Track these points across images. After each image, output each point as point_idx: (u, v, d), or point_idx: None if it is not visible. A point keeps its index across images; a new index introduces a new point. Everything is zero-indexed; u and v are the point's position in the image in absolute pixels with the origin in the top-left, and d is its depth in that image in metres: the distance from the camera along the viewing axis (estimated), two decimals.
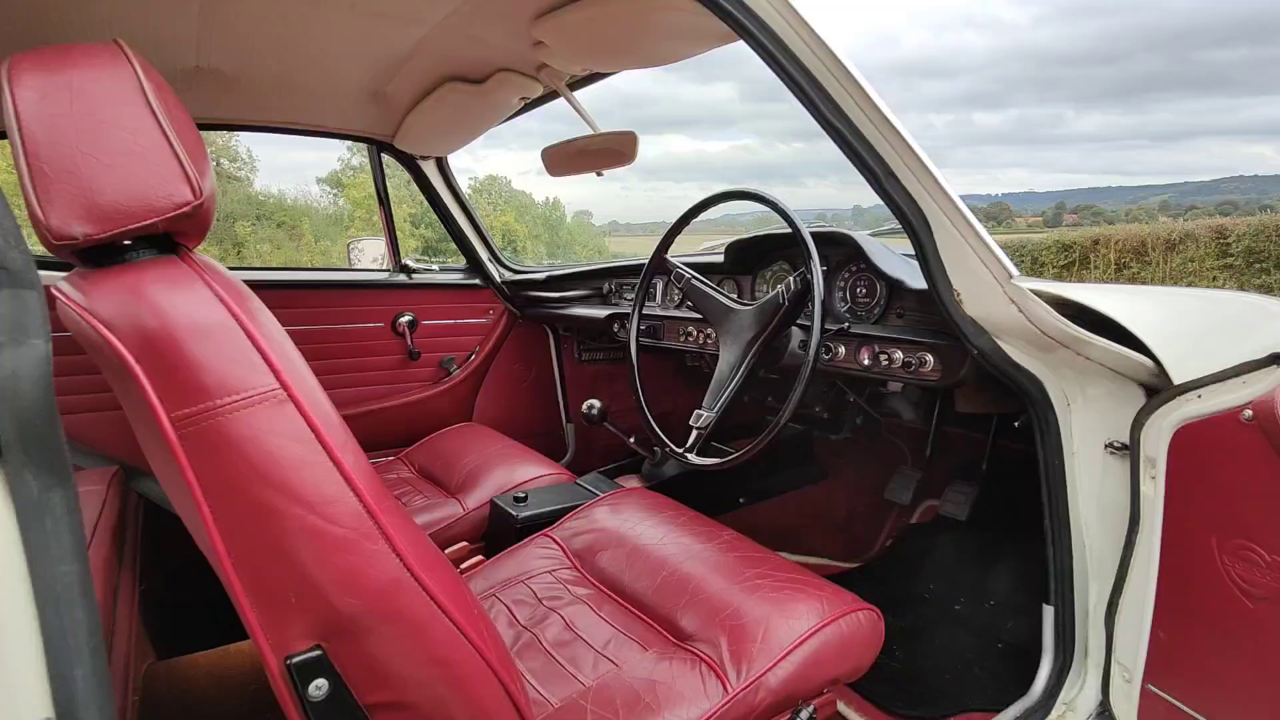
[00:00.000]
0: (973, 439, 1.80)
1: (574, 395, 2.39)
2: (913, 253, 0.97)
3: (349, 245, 2.20)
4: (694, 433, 1.29)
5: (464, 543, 1.41)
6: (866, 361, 1.23)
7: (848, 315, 1.35)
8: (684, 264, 1.44)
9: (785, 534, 1.80)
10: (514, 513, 1.42)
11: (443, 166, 2.03)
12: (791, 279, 1.18)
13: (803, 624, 0.96)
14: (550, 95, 1.58)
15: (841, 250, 1.37)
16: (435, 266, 2.20)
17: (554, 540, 1.31)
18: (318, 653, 0.56)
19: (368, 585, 0.56)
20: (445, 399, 2.18)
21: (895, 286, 1.25)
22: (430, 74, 1.48)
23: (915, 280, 1.18)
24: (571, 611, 1.10)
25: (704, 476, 1.69)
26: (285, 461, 0.53)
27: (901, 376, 1.17)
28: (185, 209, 0.53)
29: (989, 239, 0.89)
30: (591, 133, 1.45)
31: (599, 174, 1.51)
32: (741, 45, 0.88)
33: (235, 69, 1.42)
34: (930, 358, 1.12)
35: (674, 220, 1.44)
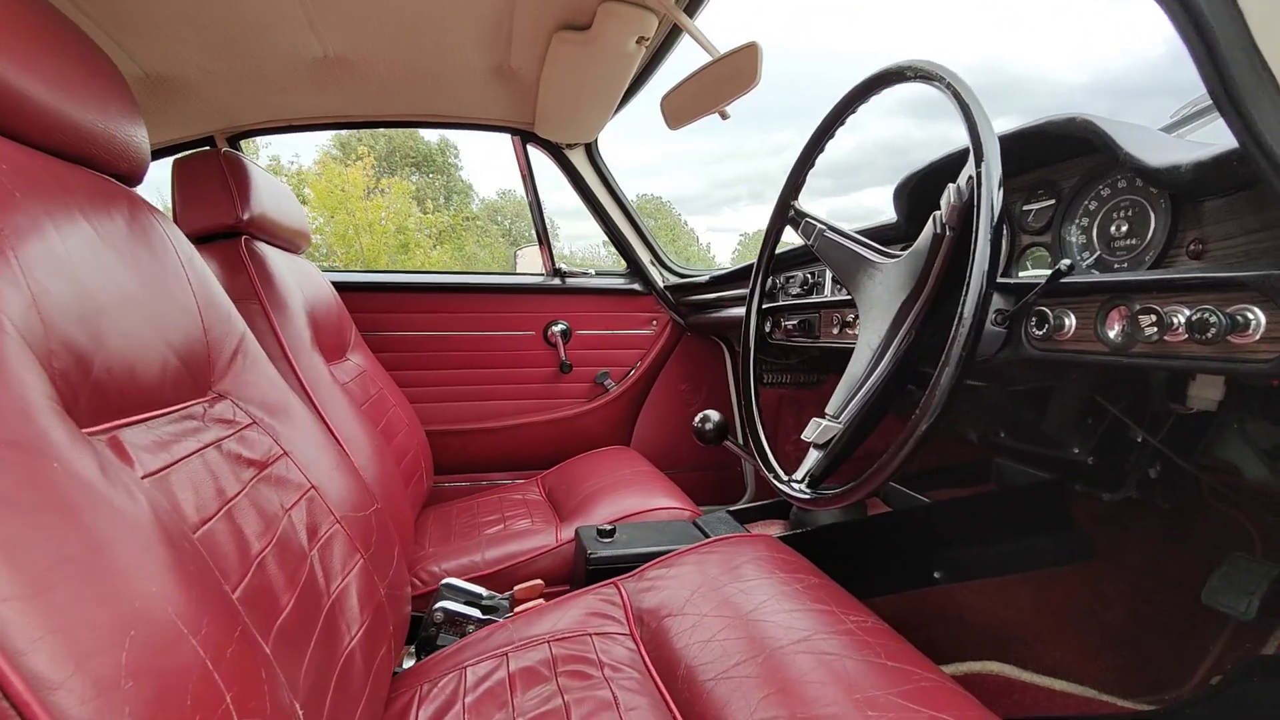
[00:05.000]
0: None
1: None
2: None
3: (515, 253, 2.13)
4: (811, 453, 0.84)
5: (538, 580, 1.12)
6: (1115, 335, 0.65)
7: (1092, 269, 0.79)
8: (852, 230, 1.01)
9: (1012, 636, 1.18)
10: (589, 550, 1.10)
11: (592, 155, 1.84)
12: (953, 187, 0.69)
13: None
14: (671, 36, 1.31)
15: (1082, 164, 0.82)
16: (592, 271, 2.00)
17: (620, 592, 0.96)
18: None
19: None
20: (597, 418, 1.95)
21: (1179, 197, 0.67)
22: (539, 30, 1.30)
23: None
24: (586, 701, 0.74)
25: (876, 532, 1.18)
26: None
27: (1190, 357, 0.58)
28: None
29: None
30: (708, 60, 1.12)
31: (723, 115, 1.17)
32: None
33: (358, 55, 1.39)
34: (1256, 315, 0.53)
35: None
